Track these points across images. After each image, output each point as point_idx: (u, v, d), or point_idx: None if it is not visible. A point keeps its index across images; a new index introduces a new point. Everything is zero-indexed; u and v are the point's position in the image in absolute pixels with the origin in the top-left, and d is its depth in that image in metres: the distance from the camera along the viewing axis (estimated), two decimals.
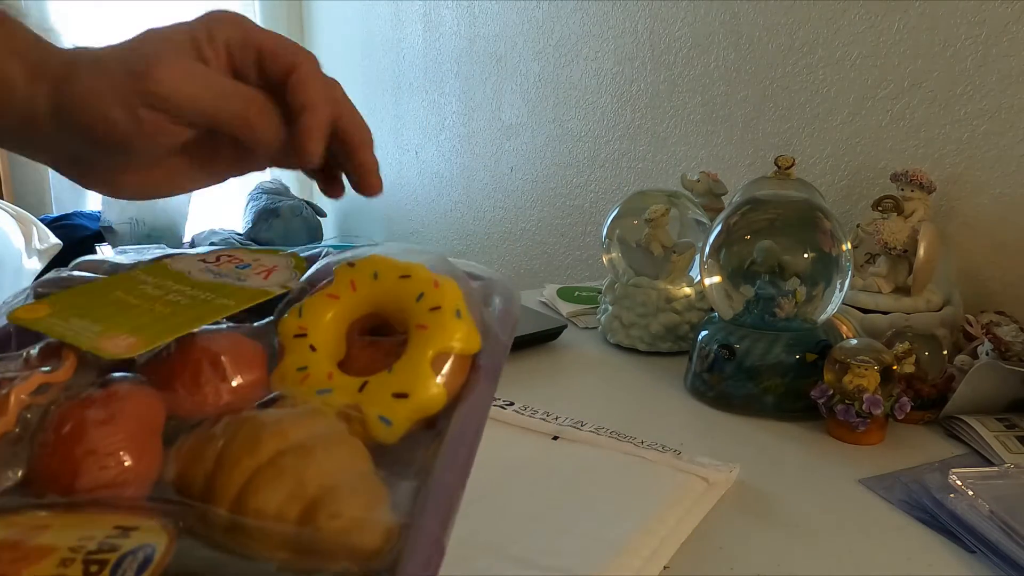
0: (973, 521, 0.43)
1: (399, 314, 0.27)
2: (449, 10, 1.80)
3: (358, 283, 0.28)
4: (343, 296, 0.28)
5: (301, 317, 0.28)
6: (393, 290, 0.28)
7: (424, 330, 0.26)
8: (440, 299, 0.27)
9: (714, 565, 0.41)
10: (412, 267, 0.28)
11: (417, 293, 0.27)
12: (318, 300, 0.28)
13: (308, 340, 0.27)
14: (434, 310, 0.26)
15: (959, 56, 0.77)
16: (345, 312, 0.28)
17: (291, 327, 0.28)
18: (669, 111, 1.19)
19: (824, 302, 0.63)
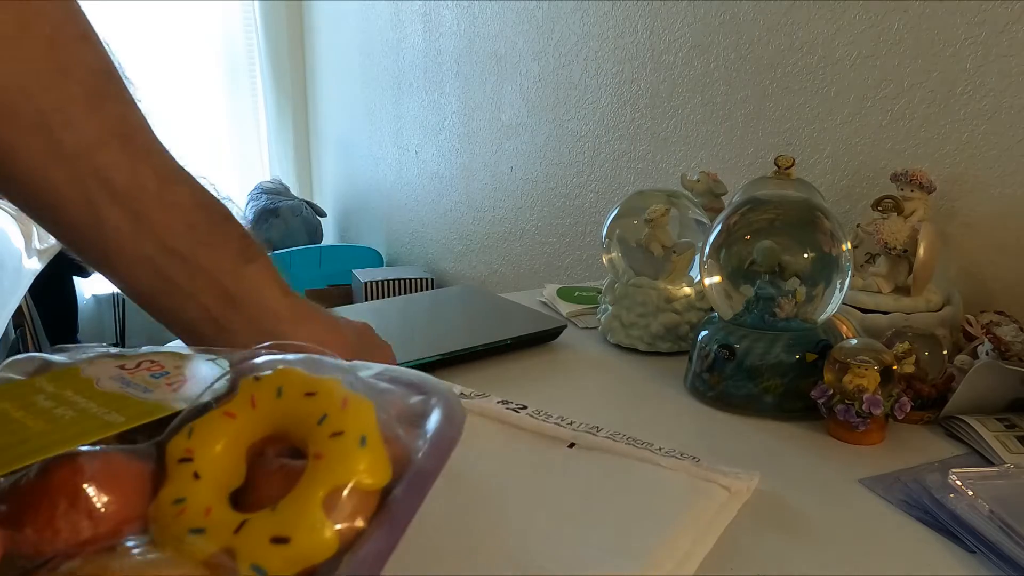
0: (973, 521, 0.43)
1: (302, 436, 0.24)
2: (449, 10, 1.80)
3: (259, 400, 0.25)
4: (241, 415, 0.25)
5: (190, 438, 0.24)
6: (296, 410, 0.25)
7: (320, 460, 0.23)
8: (344, 423, 0.23)
9: (714, 565, 0.41)
10: (322, 383, 0.25)
11: (320, 415, 0.24)
12: (212, 419, 0.25)
13: (193, 466, 0.24)
14: (335, 436, 0.23)
15: (959, 56, 0.77)
16: (243, 433, 0.25)
17: (177, 449, 0.24)
18: (669, 111, 1.19)
19: (824, 302, 0.63)
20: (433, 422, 0.26)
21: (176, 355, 0.31)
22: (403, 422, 0.26)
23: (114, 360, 0.30)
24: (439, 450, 0.25)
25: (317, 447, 0.23)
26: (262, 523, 0.22)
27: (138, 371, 0.29)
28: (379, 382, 0.28)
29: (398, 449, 0.25)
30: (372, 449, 0.23)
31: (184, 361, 0.30)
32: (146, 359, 0.30)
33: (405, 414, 0.27)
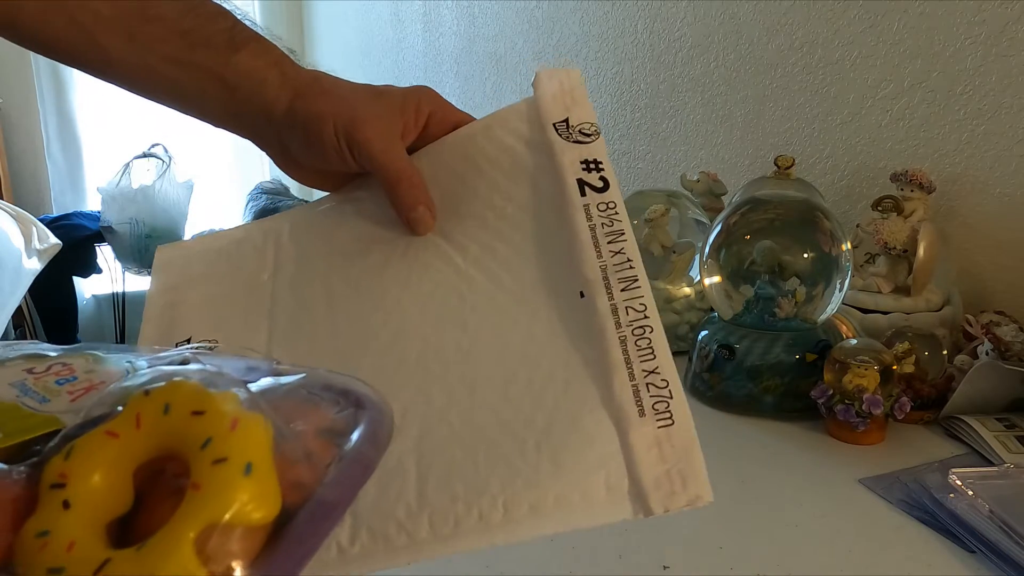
0: (973, 521, 0.43)
1: (187, 459, 0.22)
2: (449, 10, 1.80)
3: (145, 418, 0.22)
4: (124, 434, 0.22)
5: (67, 460, 0.22)
6: (182, 430, 0.22)
7: (197, 491, 0.20)
8: (229, 448, 0.21)
9: (714, 565, 0.41)
10: (213, 400, 0.22)
11: (204, 437, 0.21)
12: (93, 438, 0.22)
13: (64, 493, 0.21)
14: (218, 463, 0.20)
15: (959, 56, 0.77)
16: (125, 455, 0.22)
17: (52, 473, 0.22)
18: (669, 111, 1.19)
19: (824, 302, 0.63)
20: (353, 441, 0.24)
21: (94, 357, 0.28)
22: (327, 437, 0.24)
23: (30, 362, 0.28)
24: (350, 477, 0.23)
25: (196, 475, 0.20)
26: (125, 564, 0.19)
27: (45, 375, 0.27)
28: (309, 389, 0.26)
29: (303, 474, 0.22)
30: (259, 478, 0.20)
31: (98, 365, 0.28)
32: (59, 362, 0.27)
33: (330, 429, 0.24)
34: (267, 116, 0.41)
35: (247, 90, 0.40)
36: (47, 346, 0.30)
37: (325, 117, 0.39)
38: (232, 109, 0.41)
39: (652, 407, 0.30)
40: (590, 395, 0.31)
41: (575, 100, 0.39)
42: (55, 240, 2.33)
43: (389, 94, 0.41)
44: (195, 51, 0.40)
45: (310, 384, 0.26)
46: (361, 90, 0.41)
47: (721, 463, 0.54)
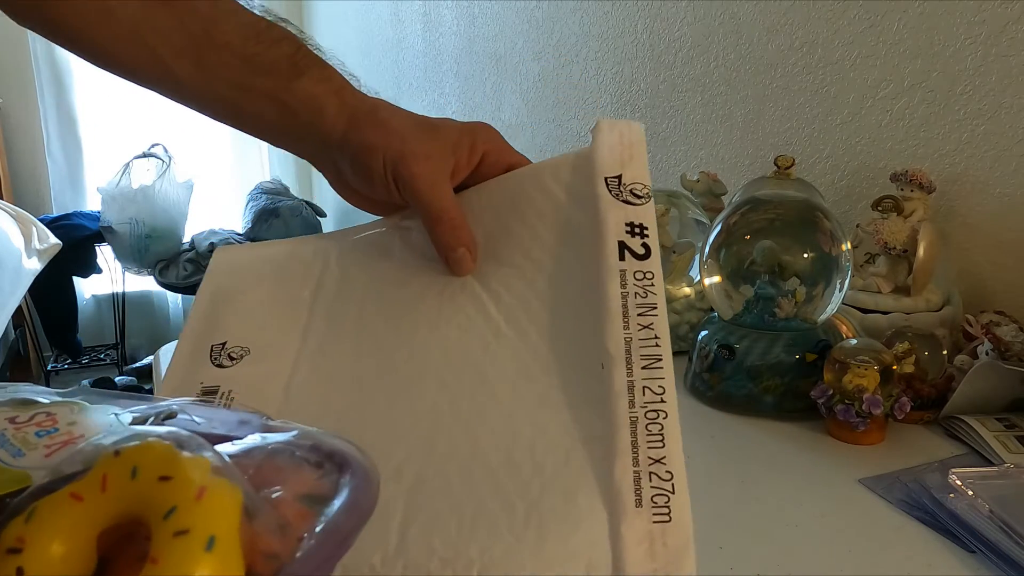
0: (973, 521, 0.43)
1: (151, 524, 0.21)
2: (449, 10, 1.80)
3: (111, 480, 0.21)
4: (88, 497, 0.21)
5: (27, 523, 0.21)
6: (149, 496, 0.21)
7: (155, 566, 0.19)
8: (193, 519, 0.20)
9: (714, 565, 0.41)
10: (182, 465, 0.21)
11: (169, 506, 0.20)
12: (56, 501, 0.21)
13: (19, 560, 0.20)
14: (179, 535, 0.19)
15: (959, 56, 0.77)
16: (89, 520, 0.21)
17: (9, 536, 0.21)
18: (669, 111, 1.19)
19: (824, 302, 0.63)
20: (333, 510, 0.22)
21: (79, 407, 0.27)
22: (306, 504, 0.23)
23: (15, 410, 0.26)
24: (324, 551, 0.21)
25: (156, 548, 0.19)
26: None
27: (26, 426, 0.25)
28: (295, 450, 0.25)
29: (275, 545, 0.21)
30: (221, 553, 0.19)
31: (81, 415, 0.26)
32: (44, 411, 0.26)
33: (310, 494, 0.23)
34: (324, 141, 0.42)
35: (306, 115, 0.41)
36: (42, 390, 0.28)
37: (376, 149, 0.40)
38: (291, 132, 0.43)
39: (651, 499, 0.28)
40: (589, 473, 0.29)
41: (632, 157, 0.37)
42: (55, 240, 2.33)
43: (445, 129, 0.42)
44: (257, 77, 0.41)
45: (297, 444, 0.25)
46: (416, 124, 0.42)
47: (721, 463, 0.54)
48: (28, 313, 2.80)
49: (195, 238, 2.68)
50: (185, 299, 2.96)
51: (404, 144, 0.40)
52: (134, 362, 2.97)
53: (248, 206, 2.80)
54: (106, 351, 3.07)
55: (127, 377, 2.77)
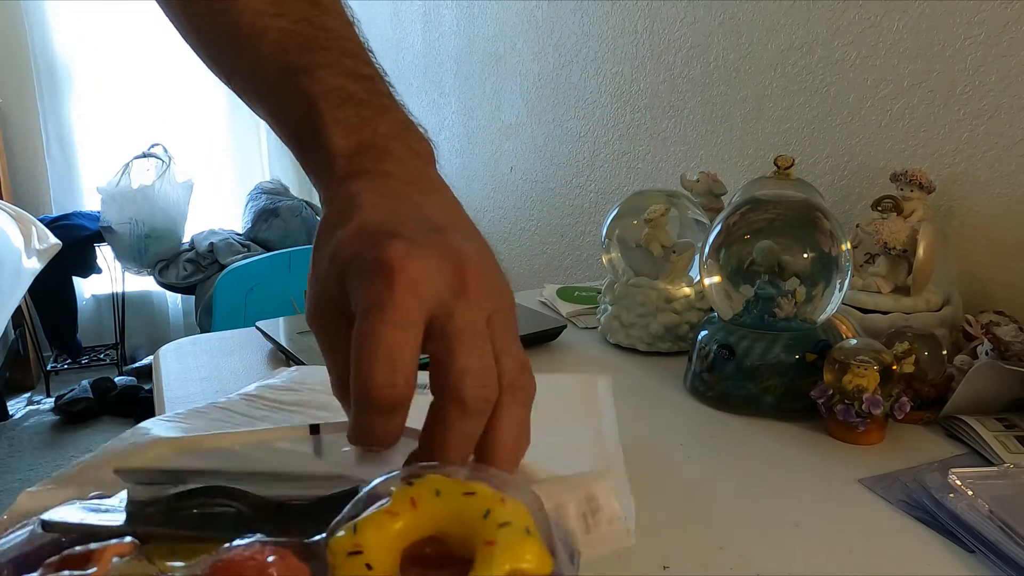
0: (973, 521, 0.43)
1: (462, 533, 0.25)
2: (448, 10, 1.80)
3: (419, 500, 0.26)
4: (403, 514, 0.26)
5: (356, 534, 0.25)
6: (457, 507, 0.26)
7: (492, 546, 0.24)
8: (509, 515, 0.25)
9: (714, 565, 0.41)
10: (475, 485, 0.27)
11: (484, 510, 0.25)
12: (377, 517, 0.26)
13: (363, 558, 0.24)
14: (503, 526, 0.25)
15: (959, 56, 0.77)
16: (404, 531, 0.26)
17: (345, 545, 0.25)
18: (669, 111, 1.19)
19: (824, 302, 0.63)
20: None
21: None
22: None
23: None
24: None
25: (487, 536, 0.24)
26: None
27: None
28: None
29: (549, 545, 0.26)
30: (536, 540, 0.25)
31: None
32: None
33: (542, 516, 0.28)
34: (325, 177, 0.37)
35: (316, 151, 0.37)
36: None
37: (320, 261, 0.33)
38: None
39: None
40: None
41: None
42: (55, 240, 2.33)
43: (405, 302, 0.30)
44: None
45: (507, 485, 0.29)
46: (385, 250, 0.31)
47: (721, 463, 0.54)
48: (28, 313, 2.80)
49: (195, 238, 2.68)
50: (185, 299, 2.96)
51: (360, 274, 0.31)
52: (134, 362, 2.97)
53: (248, 206, 2.80)
54: (106, 351, 3.07)
55: (127, 377, 2.77)
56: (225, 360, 0.75)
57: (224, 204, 3.13)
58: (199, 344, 0.80)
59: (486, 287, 0.31)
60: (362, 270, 0.29)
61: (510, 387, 0.31)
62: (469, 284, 0.30)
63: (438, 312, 0.29)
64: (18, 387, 2.83)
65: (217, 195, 3.12)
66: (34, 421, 2.60)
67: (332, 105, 0.36)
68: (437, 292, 0.29)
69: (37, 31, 2.83)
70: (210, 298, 2.17)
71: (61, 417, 2.59)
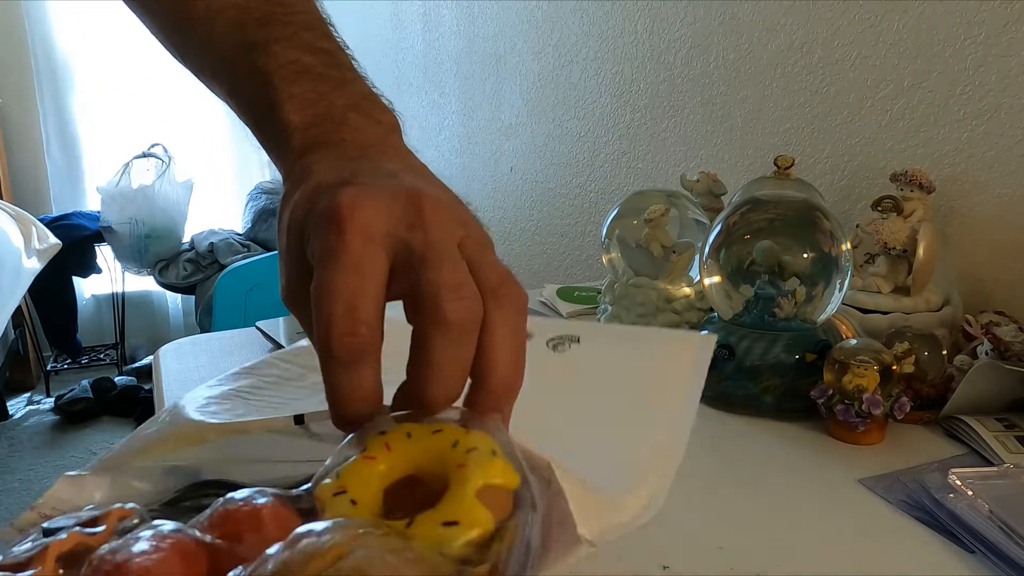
0: (973, 521, 0.43)
1: (436, 466, 0.28)
2: (448, 10, 1.80)
3: (392, 444, 0.28)
4: (379, 457, 0.28)
5: (339, 479, 0.28)
6: (428, 444, 0.28)
7: (464, 468, 0.27)
8: (474, 442, 0.28)
9: (714, 565, 0.41)
10: (440, 424, 0.29)
11: (452, 441, 0.28)
12: (356, 463, 0.28)
13: (348, 496, 0.27)
14: (470, 451, 0.27)
15: (959, 56, 0.77)
16: (384, 472, 0.28)
17: (329, 488, 0.27)
18: (668, 111, 1.19)
19: (824, 302, 0.63)
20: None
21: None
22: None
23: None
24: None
25: (457, 460, 0.27)
26: (430, 516, 0.26)
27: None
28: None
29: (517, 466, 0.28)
30: (502, 460, 0.27)
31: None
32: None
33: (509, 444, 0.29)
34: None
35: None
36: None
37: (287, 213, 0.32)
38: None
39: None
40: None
41: None
42: (55, 240, 2.33)
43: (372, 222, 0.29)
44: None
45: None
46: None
47: (721, 463, 0.54)
48: (28, 313, 2.80)
49: (195, 238, 2.68)
50: (185, 299, 2.96)
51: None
52: (134, 362, 2.97)
53: (248, 206, 2.80)
54: (106, 351, 3.07)
55: (127, 377, 2.77)
56: (225, 360, 0.75)
57: (224, 204, 3.13)
58: (199, 344, 0.80)
59: (448, 216, 0.29)
60: (315, 224, 0.28)
61: (494, 295, 0.29)
62: (426, 215, 0.28)
63: (398, 248, 0.28)
64: (18, 387, 2.83)
65: (217, 195, 3.12)
66: (34, 421, 2.60)
67: (287, 80, 0.35)
68: (391, 229, 0.28)
69: (38, 31, 2.83)
70: (210, 298, 2.17)
71: (61, 417, 2.59)
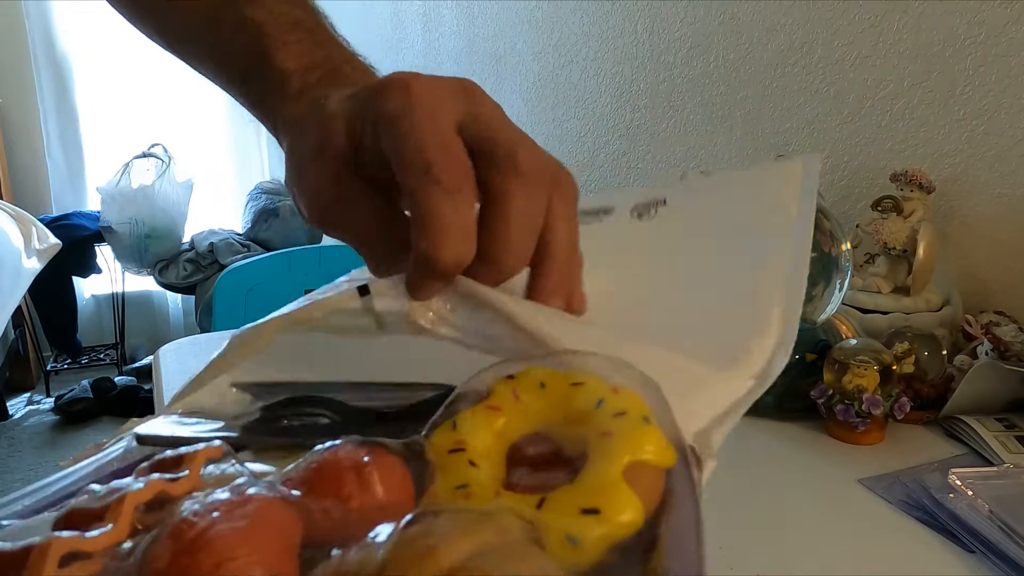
0: (973, 521, 0.43)
1: (572, 427, 0.23)
2: (448, 10, 1.80)
3: (522, 393, 0.24)
4: (505, 408, 0.24)
5: (456, 431, 0.24)
6: (565, 399, 0.24)
7: (610, 437, 0.22)
8: (624, 404, 0.23)
9: (714, 565, 0.41)
10: (583, 375, 0.24)
11: (596, 400, 0.23)
12: (477, 413, 0.24)
13: (467, 455, 0.23)
14: (619, 416, 0.23)
15: (959, 56, 0.77)
16: (509, 427, 0.24)
17: (445, 442, 0.23)
18: (668, 111, 1.19)
19: (824, 302, 0.63)
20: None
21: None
22: None
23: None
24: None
25: (603, 427, 0.22)
26: (566, 497, 0.21)
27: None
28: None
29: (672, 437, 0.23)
30: (655, 429, 0.23)
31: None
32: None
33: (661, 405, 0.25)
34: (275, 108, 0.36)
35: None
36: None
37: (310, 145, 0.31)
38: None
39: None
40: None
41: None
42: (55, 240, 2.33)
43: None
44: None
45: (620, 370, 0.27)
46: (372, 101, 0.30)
47: (721, 463, 0.54)
48: (28, 313, 2.80)
49: (195, 238, 2.68)
50: (185, 299, 2.96)
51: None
52: (134, 362, 2.97)
53: (248, 206, 2.80)
54: (106, 351, 3.06)
55: (127, 377, 2.77)
56: None
57: (224, 204, 3.13)
58: (199, 344, 0.80)
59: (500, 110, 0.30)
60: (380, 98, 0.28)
61: (554, 177, 0.29)
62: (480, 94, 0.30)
63: (461, 115, 0.28)
64: (18, 387, 2.83)
65: (217, 195, 3.12)
66: (34, 421, 2.60)
67: (281, 30, 0.35)
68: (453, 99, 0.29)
69: (38, 30, 2.83)
70: (210, 298, 2.17)
71: (61, 417, 2.58)
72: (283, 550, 0.19)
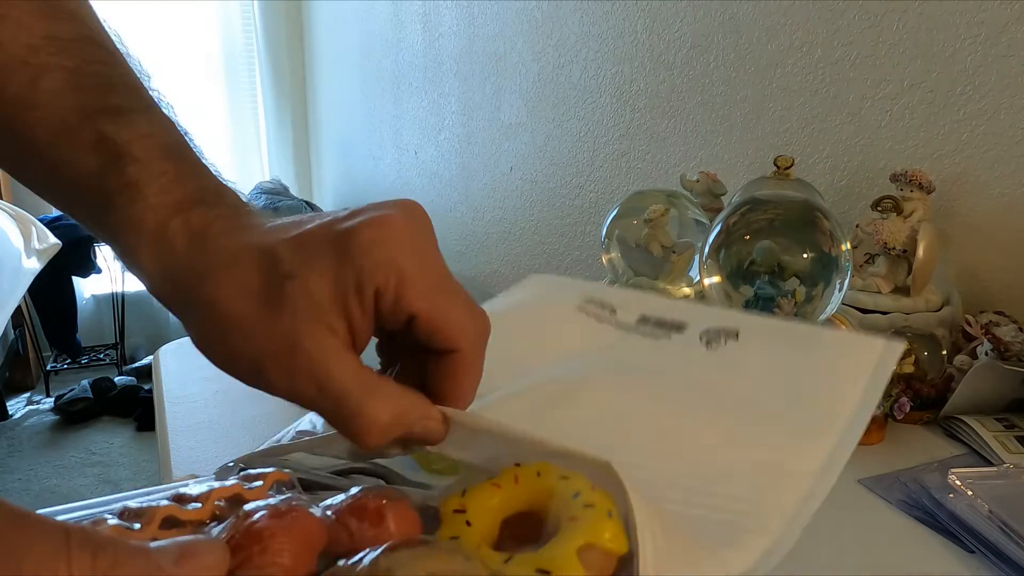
0: (972, 521, 0.43)
1: (554, 510, 0.29)
2: (448, 10, 1.80)
3: (521, 478, 0.30)
4: (505, 487, 0.30)
5: (463, 497, 0.30)
6: (553, 487, 0.29)
7: (575, 522, 0.27)
8: (595, 499, 0.28)
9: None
10: (572, 473, 0.30)
11: (574, 491, 0.29)
12: (482, 486, 0.30)
13: (465, 516, 0.29)
14: (587, 507, 0.28)
15: (959, 56, 0.77)
16: (505, 502, 0.30)
17: (453, 503, 0.30)
18: (668, 111, 1.19)
19: (823, 302, 0.63)
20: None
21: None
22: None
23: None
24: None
25: (572, 513, 0.28)
26: (528, 558, 0.26)
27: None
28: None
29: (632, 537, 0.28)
30: (616, 522, 0.27)
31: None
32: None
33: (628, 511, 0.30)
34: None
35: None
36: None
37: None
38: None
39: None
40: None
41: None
42: (55, 240, 2.33)
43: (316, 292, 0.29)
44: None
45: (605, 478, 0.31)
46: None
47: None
48: (27, 313, 2.80)
49: None
50: None
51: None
52: (133, 362, 2.97)
53: None
54: (105, 351, 3.06)
55: (126, 377, 2.77)
56: None
57: None
58: None
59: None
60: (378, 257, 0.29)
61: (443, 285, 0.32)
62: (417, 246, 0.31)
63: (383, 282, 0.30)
64: (18, 387, 2.83)
65: None
66: (34, 421, 2.60)
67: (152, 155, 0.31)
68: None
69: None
70: None
71: (61, 417, 2.58)
72: (308, 550, 0.26)
